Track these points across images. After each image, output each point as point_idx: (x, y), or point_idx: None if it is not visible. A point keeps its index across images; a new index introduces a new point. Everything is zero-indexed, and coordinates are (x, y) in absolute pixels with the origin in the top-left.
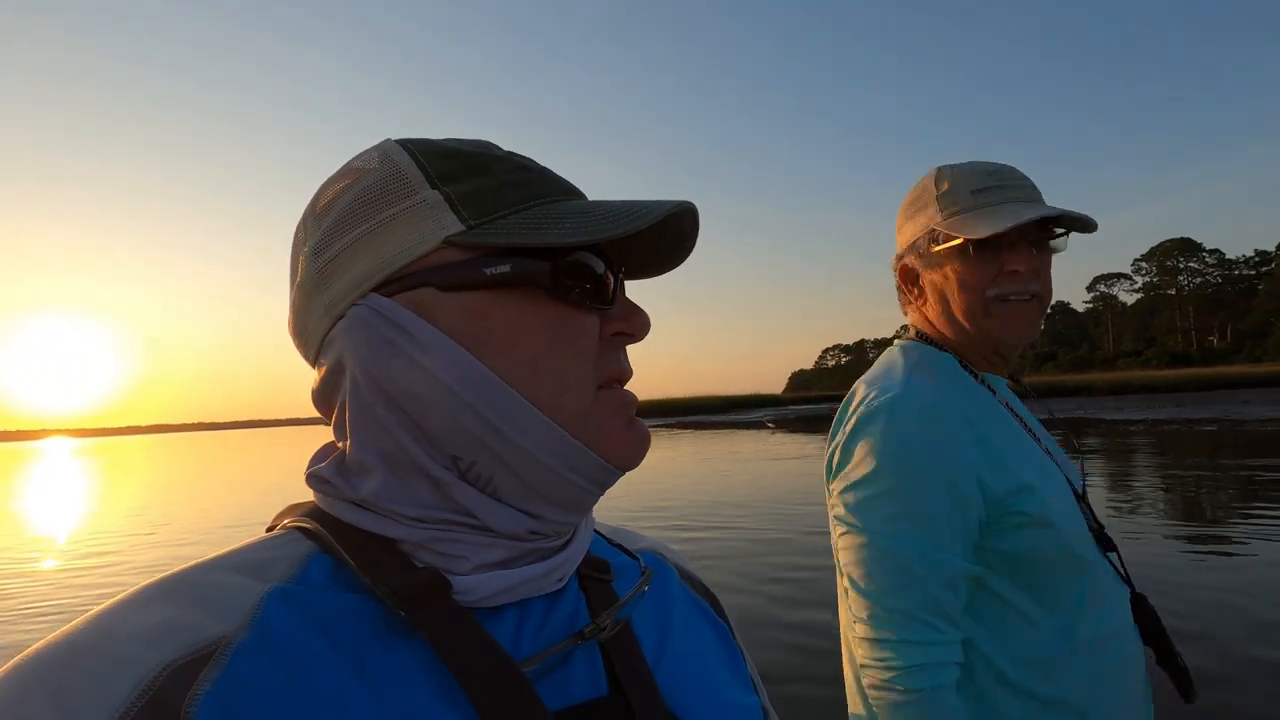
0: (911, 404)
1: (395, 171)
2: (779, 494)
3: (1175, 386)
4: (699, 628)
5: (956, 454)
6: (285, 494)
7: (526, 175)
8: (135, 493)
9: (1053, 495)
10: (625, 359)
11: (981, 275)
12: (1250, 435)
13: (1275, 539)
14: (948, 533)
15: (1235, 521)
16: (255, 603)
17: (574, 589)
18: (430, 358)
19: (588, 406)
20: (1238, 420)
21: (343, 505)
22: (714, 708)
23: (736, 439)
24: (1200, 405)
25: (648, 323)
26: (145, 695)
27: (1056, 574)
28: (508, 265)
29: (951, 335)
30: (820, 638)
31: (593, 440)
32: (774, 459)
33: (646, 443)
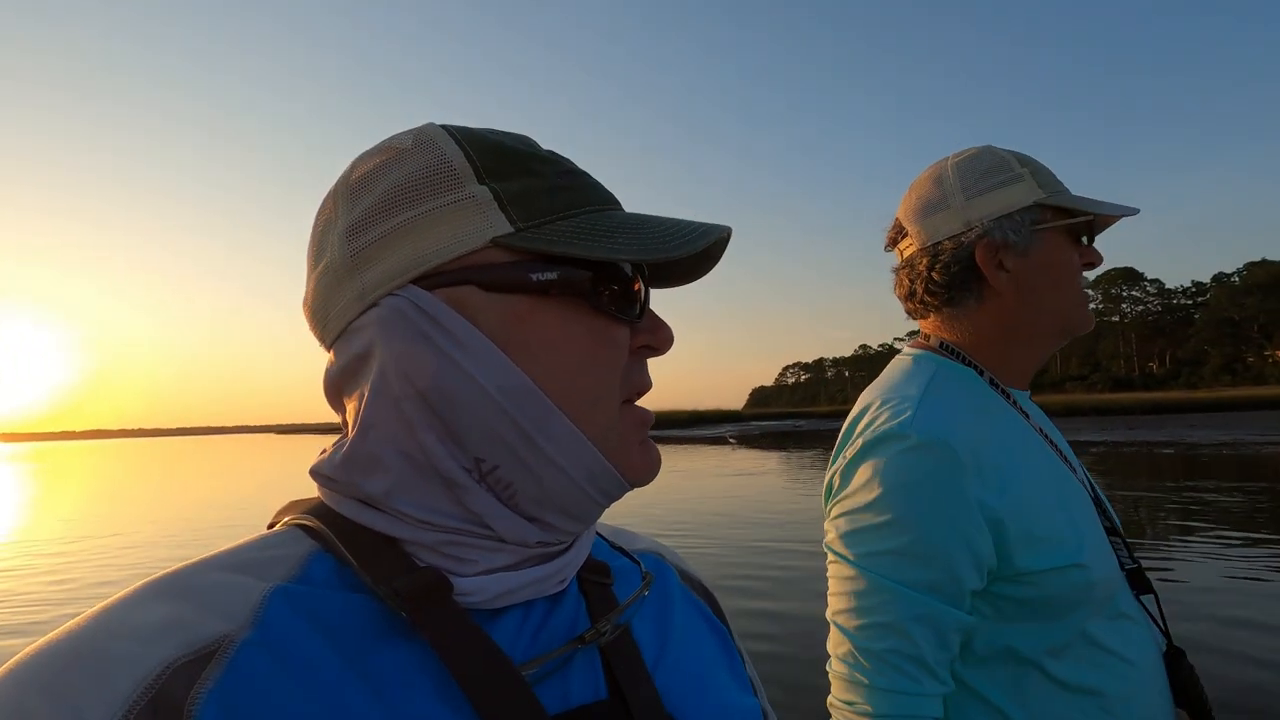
0: (924, 431)
1: (442, 160)
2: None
3: (1124, 410)
4: (698, 630)
5: (967, 491)
6: (219, 510)
7: (573, 180)
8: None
9: (1085, 532)
10: (647, 372)
11: (1076, 260)
12: (1207, 459)
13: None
14: (945, 579)
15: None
16: (257, 601)
17: (574, 592)
18: (469, 358)
19: (614, 420)
20: (1191, 444)
21: (348, 502)
22: (713, 710)
23: (701, 454)
24: (1152, 429)
25: (672, 337)
26: (148, 693)
27: (1080, 618)
28: (555, 273)
29: (1005, 335)
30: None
31: (615, 455)
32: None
33: (659, 461)
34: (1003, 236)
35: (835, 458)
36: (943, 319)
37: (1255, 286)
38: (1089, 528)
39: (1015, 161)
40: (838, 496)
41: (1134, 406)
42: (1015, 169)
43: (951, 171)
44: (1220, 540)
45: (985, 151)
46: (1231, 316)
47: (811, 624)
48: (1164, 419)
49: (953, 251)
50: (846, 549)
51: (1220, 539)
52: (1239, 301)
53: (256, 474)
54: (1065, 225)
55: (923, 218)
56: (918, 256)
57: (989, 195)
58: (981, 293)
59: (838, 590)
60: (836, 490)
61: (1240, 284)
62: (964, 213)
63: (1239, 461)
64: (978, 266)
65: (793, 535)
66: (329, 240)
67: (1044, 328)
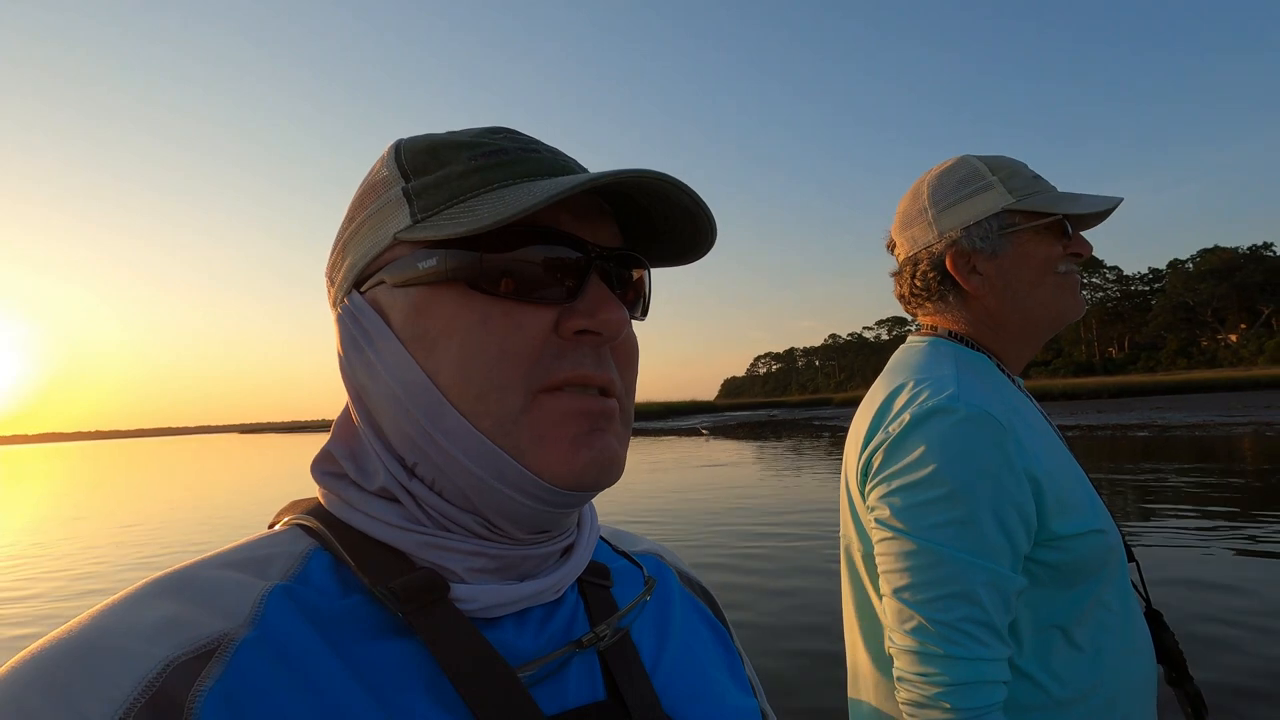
0: (971, 404)
1: (381, 169)
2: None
3: (1092, 394)
4: (698, 631)
5: (1014, 460)
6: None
7: (494, 159)
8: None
9: (1098, 501)
10: (591, 360)
11: (1056, 253)
12: (1181, 441)
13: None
14: (1004, 545)
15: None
16: (257, 600)
17: (572, 595)
18: (379, 355)
19: (516, 411)
20: (1163, 426)
21: (339, 504)
22: (712, 712)
23: (676, 445)
24: (1121, 412)
25: (618, 319)
26: (149, 691)
27: (1099, 582)
28: (435, 258)
29: (996, 328)
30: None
31: (521, 452)
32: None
33: (603, 463)
34: (970, 244)
35: (871, 435)
36: (939, 315)
37: (1208, 273)
38: (1098, 498)
39: (987, 170)
40: (884, 473)
41: (1101, 390)
42: (986, 178)
43: (927, 186)
44: (1212, 516)
45: (960, 163)
46: (1187, 302)
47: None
48: (1130, 402)
49: (929, 260)
50: (905, 523)
51: (1215, 515)
52: (1193, 287)
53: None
54: (1037, 225)
55: (904, 230)
56: (904, 265)
57: (959, 206)
58: (963, 294)
59: (898, 566)
60: (880, 467)
61: (1194, 270)
62: (936, 224)
63: (1213, 442)
64: (951, 273)
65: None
66: None
67: (1031, 321)
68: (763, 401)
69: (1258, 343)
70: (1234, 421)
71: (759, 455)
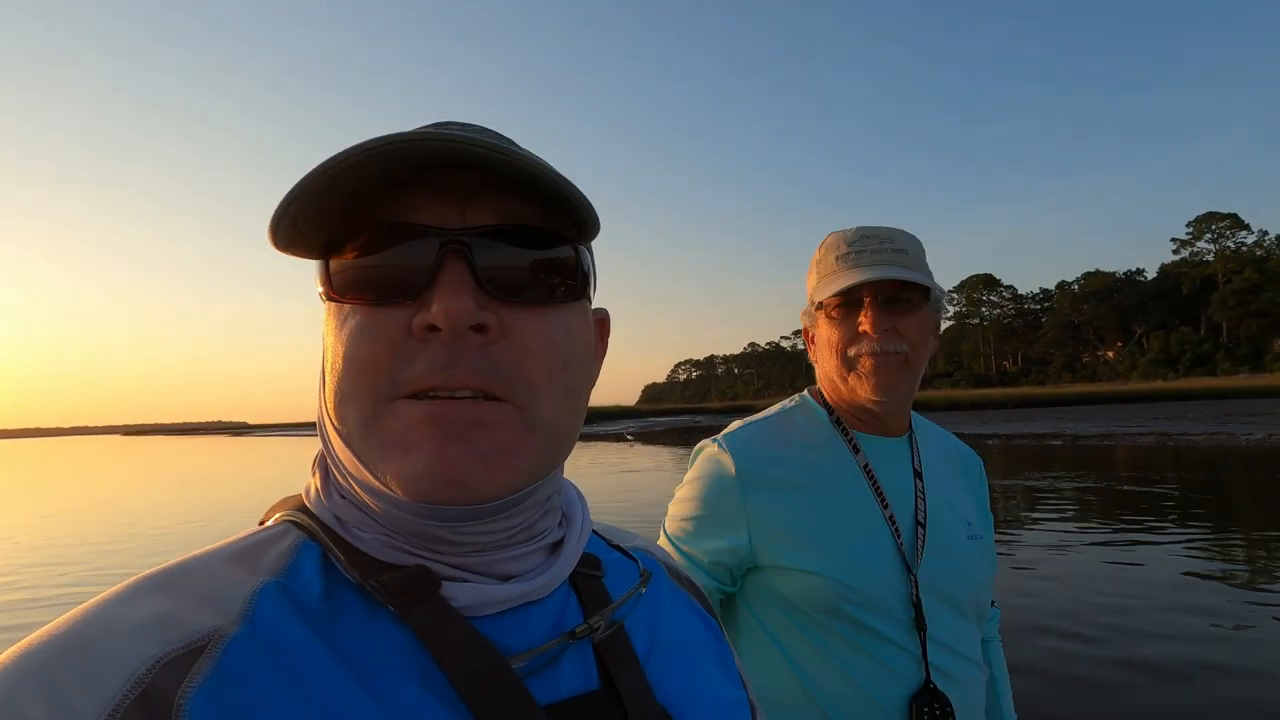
0: (726, 443)
1: None
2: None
3: (998, 404)
4: (689, 624)
5: (737, 493)
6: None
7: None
8: None
9: (857, 557)
10: (444, 359)
11: (841, 335)
12: (1088, 450)
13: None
14: (700, 550)
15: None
16: (247, 596)
17: (564, 587)
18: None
19: (365, 421)
20: (1075, 435)
21: (322, 506)
22: (704, 701)
23: (605, 451)
24: (1027, 422)
25: (455, 307)
26: (138, 688)
27: (824, 621)
28: (316, 272)
29: (831, 394)
30: None
31: (371, 463)
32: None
33: (439, 473)
34: (805, 319)
35: None
36: (818, 370)
37: (1090, 294)
38: (868, 556)
39: (820, 251)
40: None
41: (1006, 401)
42: (812, 264)
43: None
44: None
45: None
46: (1073, 320)
47: None
48: (1032, 412)
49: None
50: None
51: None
52: (1078, 308)
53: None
54: (822, 309)
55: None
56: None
57: (808, 285)
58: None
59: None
60: None
61: (1079, 292)
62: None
63: (1129, 452)
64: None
65: None
66: None
67: (841, 393)
68: (685, 407)
69: (1132, 359)
70: (1137, 432)
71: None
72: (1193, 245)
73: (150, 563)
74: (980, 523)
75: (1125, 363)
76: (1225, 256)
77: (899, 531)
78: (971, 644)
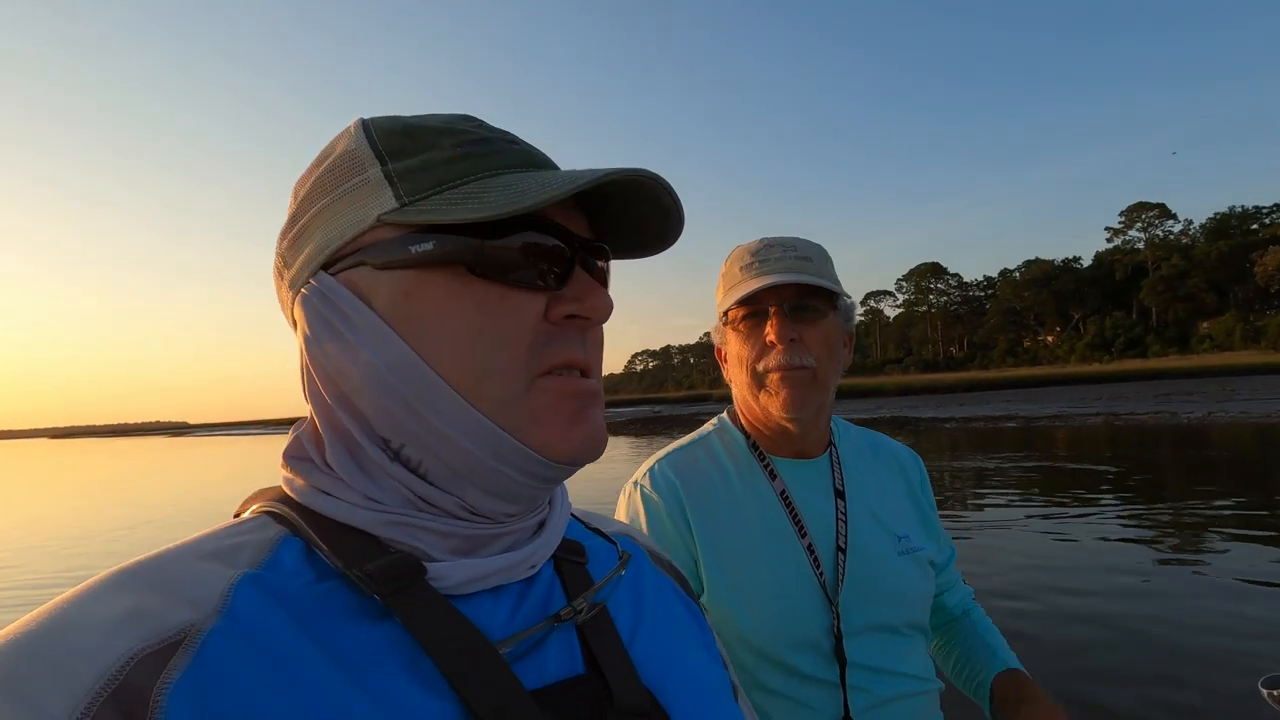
0: (651, 487)
1: (351, 150)
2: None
3: (950, 388)
4: (671, 606)
5: (668, 524)
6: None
7: (478, 148)
8: None
9: (773, 594)
10: (580, 344)
11: (749, 349)
12: (1041, 431)
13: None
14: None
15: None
16: (225, 589)
17: (548, 572)
18: (360, 337)
19: (518, 394)
20: (1028, 418)
21: (308, 490)
22: (687, 681)
23: None
24: (979, 405)
25: (605, 305)
26: (110, 685)
27: (738, 662)
28: (431, 243)
29: (746, 414)
30: None
31: (523, 431)
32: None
33: (596, 439)
34: (716, 336)
35: None
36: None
37: (1031, 281)
38: (787, 591)
39: (724, 266)
40: None
41: (958, 385)
42: (720, 278)
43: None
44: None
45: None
46: (1014, 306)
47: None
48: (983, 396)
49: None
50: None
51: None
52: (1019, 294)
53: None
54: (727, 322)
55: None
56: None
57: (717, 301)
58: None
59: None
60: None
61: (1020, 279)
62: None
63: (1075, 432)
64: None
65: None
66: (276, 242)
67: (755, 410)
68: (642, 398)
69: (1070, 343)
70: (1086, 413)
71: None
72: (1124, 234)
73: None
74: (919, 532)
75: (1064, 347)
76: (1154, 245)
77: (818, 561)
78: (906, 659)
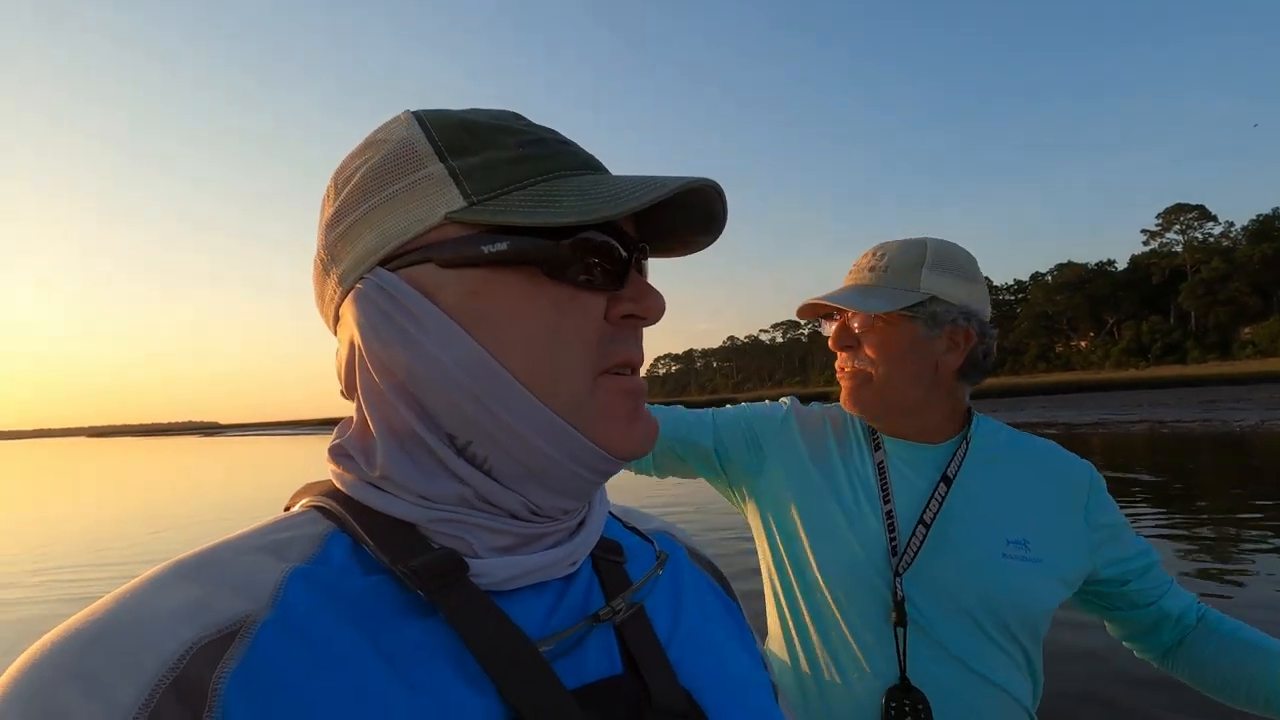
0: (791, 400)
1: (407, 144)
2: None
3: (982, 394)
4: (710, 606)
5: (776, 425)
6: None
7: (541, 149)
8: None
9: (830, 528)
10: (635, 343)
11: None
12: (1085, 438)
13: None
14: (726, 415)
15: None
16: (277, 582)
17: (587, 571)
18: (427, 335)
19: (585, 392)
20: (1068, 424)
21: (358, 484)
22: (727, 683)
23: None
24: (1015, 411)
25: (661, 305)
26: (173, 673)
27: (806, 598)
28: (505, 243)
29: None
30: None
31: (590, 428)
32: None
33: (651, 435)
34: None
35: None
36: None
37: (1063, 285)
38: (848, 540)
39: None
40: None
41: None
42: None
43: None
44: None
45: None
46: (1046, 311)
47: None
48: (1019, 401)
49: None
50: None
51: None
52: (1051, 298)
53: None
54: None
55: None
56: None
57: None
58: None
59: None
60: None
61: (1052, 283)
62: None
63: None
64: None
65: None
66: (318, 235)
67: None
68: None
69: (1104, 348)
70: (1128, 420)
71: None
72: (1162, 236)
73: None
74: (1054, 545)
75: (1098, 352)
76: (1193, 247)
77: (894, 525)
78: (978, 654)
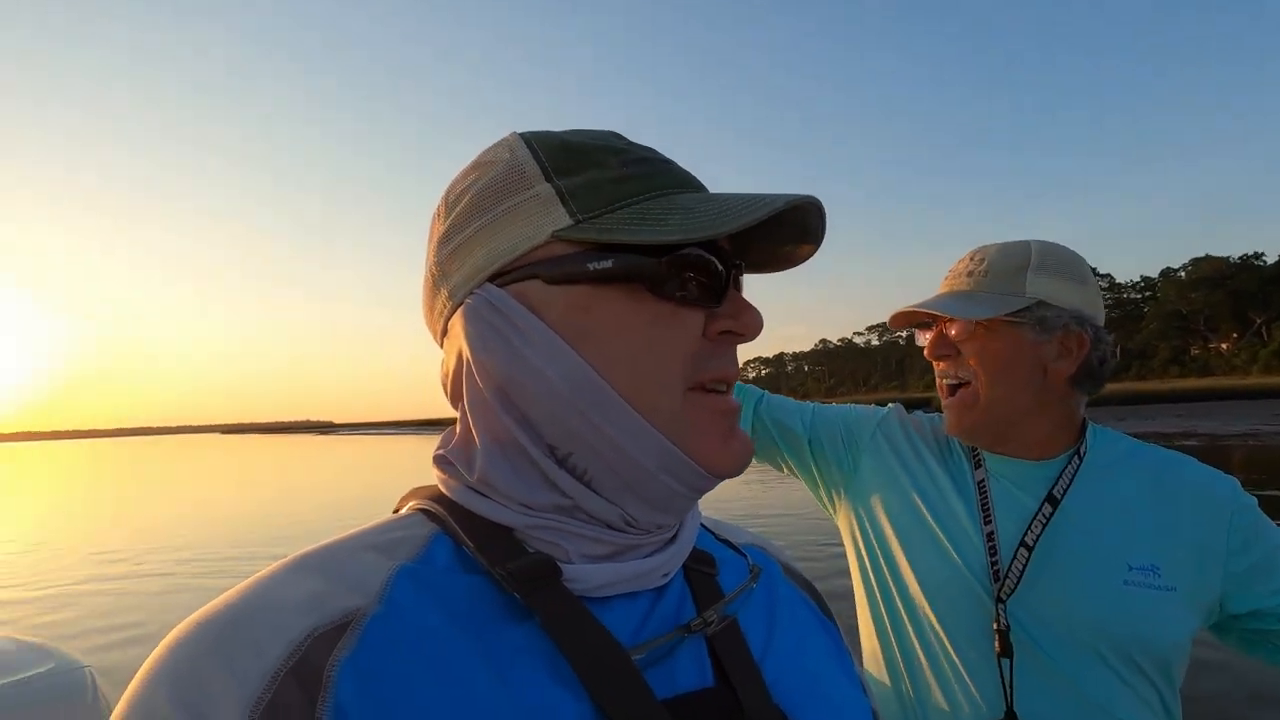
0: (894, 408)
1: (515, 165)
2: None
3: (1104, 401)
4: (806, 624)
5: (868, 429)
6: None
7: (644, 168)
8: None
9: (923, 548)
10: (732, 360)
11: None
12: (1228, 451)
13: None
14: (823, 411)
15: None
16: (385, 579)
17: (679, 581)
18: (533, 349)
19: (679, 407)
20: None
21: (461, 490)
22: (825, 704)
23: None
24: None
25: (759, 322)
26: (294, 657)
27: (912, 623)
28: (610, 261)
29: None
30: None
31: (688, 444)
32: None
33: (748, 453)
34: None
35: None
36: None
37: (1200, 281)
38: (943, 561)
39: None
40: None
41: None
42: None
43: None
44: None
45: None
46: (1179, 310)
47: None
48: (1149, 409)
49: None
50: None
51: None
52: (1186, 296)
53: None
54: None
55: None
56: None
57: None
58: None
59: None
60: None
61: (1186, 279)
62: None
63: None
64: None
65: None
66: (429, 251)
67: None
68: None
69: (1251, 351)
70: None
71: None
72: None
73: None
74: (1186, 570)
75: (1242, 355)
76: None
77: (995, 549)
78: (1098, 689)
